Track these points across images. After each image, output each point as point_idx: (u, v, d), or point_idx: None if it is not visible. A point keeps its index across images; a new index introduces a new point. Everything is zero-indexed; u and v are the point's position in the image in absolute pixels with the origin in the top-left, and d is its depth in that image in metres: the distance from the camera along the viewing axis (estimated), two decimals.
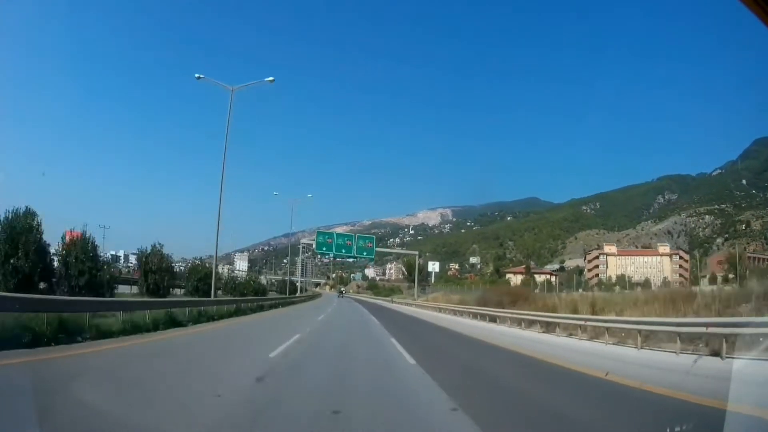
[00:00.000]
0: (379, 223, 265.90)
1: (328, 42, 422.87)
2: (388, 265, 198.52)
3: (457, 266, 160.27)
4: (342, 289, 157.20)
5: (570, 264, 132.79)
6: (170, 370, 8.33)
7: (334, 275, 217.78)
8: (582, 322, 15.51)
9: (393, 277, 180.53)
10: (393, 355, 11.61)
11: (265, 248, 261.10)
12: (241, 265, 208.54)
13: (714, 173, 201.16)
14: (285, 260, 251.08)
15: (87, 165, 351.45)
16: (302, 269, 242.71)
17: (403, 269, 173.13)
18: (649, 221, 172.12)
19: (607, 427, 5.59)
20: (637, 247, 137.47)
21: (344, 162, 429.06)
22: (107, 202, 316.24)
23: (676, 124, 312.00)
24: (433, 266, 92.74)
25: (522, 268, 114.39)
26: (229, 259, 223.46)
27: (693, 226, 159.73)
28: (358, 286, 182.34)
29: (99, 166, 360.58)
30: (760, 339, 8.73)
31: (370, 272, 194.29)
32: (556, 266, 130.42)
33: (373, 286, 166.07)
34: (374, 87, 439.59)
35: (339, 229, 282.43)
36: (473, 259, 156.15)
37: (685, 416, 5.40)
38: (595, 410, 6.30)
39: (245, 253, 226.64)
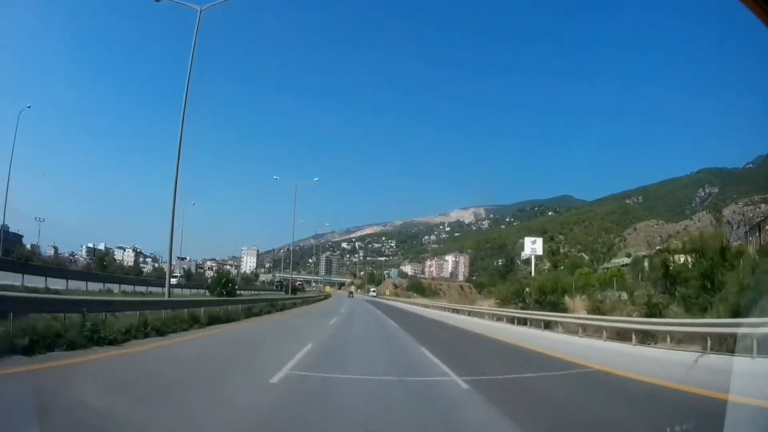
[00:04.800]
0: (410, 223, 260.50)
1: (355, 41, 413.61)
2: (428, 262, 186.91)
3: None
4: (372, 289, 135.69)
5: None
6: None
7: (362, 273, 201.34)
8: None
9: (435, 275, 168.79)
10: None
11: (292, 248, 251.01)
12: (249, 261, 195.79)
13: (746, 167, 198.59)
14: (311, 260, 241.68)
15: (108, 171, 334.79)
16: (326, 267, 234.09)
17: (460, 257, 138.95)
18: (703, 212, 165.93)
19: None
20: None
21: (372, 163, 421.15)
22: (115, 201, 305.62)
23: (705, 120, 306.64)
24: (534, 245, 64.86)
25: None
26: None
27: (750, 215, 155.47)
28: (396, 286, 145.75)
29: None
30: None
31: (406, 270, 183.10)
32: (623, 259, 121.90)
33: (415, 285, 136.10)
34: (400, 87, 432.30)
35: (369, 230, 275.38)
36: (526, 254, 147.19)
37: None
38: None
39: (253, 249, 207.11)
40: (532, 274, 57.93)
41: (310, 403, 6.88)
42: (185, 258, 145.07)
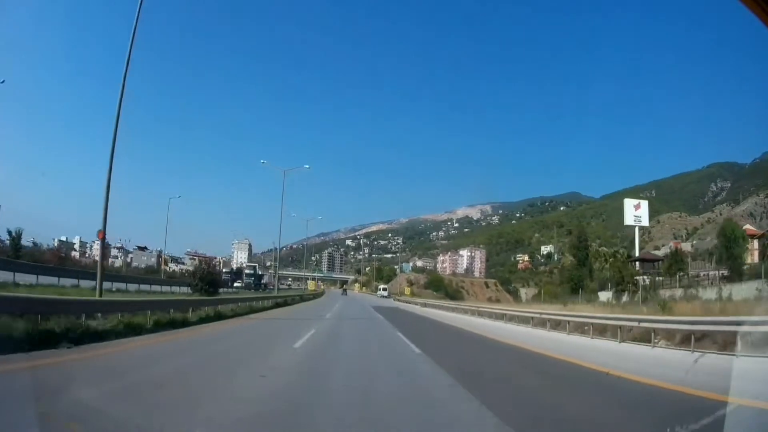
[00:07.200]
0: (417, 220, 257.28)
1: (356, 40, 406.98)
2: (440, 257, 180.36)
3: (526, 258, 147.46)
4: (382, 287, 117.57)
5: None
6: None
7: (367, 269, 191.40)
8: None
9: (449, 271, 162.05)
10: None
11: (295, 246, 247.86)
12: (240, 257, 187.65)
13: (754, 162, 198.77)
14: (313, 257, 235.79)
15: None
16: (329, 264, 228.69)
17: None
18: (723, 204, 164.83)
19: None
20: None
21: (377, 162, 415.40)
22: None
23: (712, 116, 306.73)
24: (637, 211, 48.72)
25: None
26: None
27: None
28: (411, 283, 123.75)
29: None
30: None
31: (419, 265, 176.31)
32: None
33: (435, 282, 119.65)
34: (403, 86, 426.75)
35: (375, 228, 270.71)
36: (546, 249, 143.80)
37: None
38: None
39: (245, 242, 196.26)
40: (637, 250, 49.32)
41: None
42: (145, 248, 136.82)
